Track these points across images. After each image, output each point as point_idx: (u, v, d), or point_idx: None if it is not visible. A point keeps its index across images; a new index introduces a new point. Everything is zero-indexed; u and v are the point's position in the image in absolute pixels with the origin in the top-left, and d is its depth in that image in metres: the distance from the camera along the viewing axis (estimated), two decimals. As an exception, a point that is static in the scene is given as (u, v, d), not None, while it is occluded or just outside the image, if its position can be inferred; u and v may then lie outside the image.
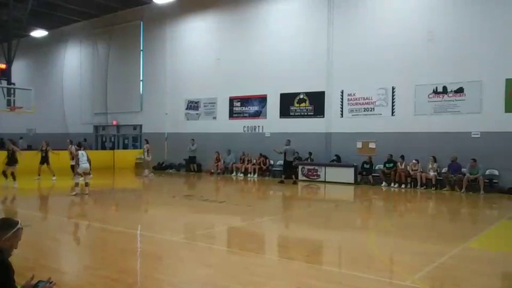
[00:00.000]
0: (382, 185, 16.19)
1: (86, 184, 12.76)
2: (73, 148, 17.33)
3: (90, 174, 13.10)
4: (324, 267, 6.00)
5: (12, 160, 14.69)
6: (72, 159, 16.51)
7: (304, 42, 18.81)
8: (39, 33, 28.69)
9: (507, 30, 14.54)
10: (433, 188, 15.20)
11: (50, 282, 3.39)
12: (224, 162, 20.53)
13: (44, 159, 16.94)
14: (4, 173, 14.73)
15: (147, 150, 19.29)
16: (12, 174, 14.61)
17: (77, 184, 12.72)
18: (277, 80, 19.42)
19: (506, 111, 14.55)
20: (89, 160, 12.90)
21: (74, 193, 12.46)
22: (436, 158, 15.34)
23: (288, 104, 19.39)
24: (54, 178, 16.55)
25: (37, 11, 24.02)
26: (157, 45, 24.25)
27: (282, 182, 16.87)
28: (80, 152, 12.97)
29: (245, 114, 20.78)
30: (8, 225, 3.37)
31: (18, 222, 3.43)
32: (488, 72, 14.82)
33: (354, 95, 17.61)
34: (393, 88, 16.77)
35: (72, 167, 16.63)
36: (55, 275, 4.60)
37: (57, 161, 17.42)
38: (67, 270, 5.85)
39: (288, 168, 17.18)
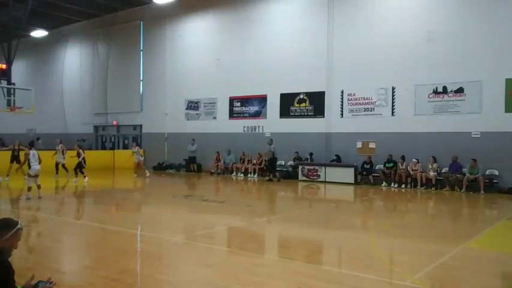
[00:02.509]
0: (382, 185, 16.18)
1: (38, 187, 11.77)
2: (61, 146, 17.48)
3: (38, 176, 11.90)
4: (324, 267, 6.00)
5: None
6: (79, 156, 16.54)
7: (304, 42, 18.80)
8: (39, 33, 28.67)
9: (507, 30, 14.54)
10: (433, 188, 15.20)
11: (50, 283, 3.39)
12: (224, 162, 20.53)
13: (15, 158, 17.02)
14: None
15: (62, 150, 17.96)
16: None
17: (29, 188, 11.64)
18: (277, 80, 19.40)
19: (506, 111, 14.55)
20: (40, 161, 11.91)
21: (27, 197, 11.55)
22: (436, 158, 15.33)
23: (288, 104, 19.38)
24: (26, 177, 16.54)
25: (37, 11, 24.00)
26: (157, 45, 24.24)
27: (278, 180, 17.52)
28: (32, 152, 11.95)
29: (245, 114, 20.78)
30: (8, 226, 3.36)
31: (18, 222, 3.42)
32: (488, 72, 14.81)
33: (354, 95, 17.61)
34: (393, 88, 16.76)
35: (79, 164, 16.65)
36: (55, 275, 4.60)
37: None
38: (67, 270, 5.85)
39: (273, 166, 17.98)
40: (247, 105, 20.72)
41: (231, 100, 21.19)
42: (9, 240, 3.30)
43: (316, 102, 18.58)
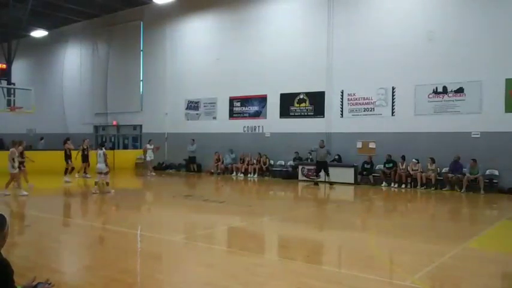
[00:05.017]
0: (382, 185, 16.18)
1: (107, 184, 13.15)
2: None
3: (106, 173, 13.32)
4: (324, 267, 6.00)
5: None
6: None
7: (304, 42, 18.80)
8: (39, 33, 28.67)
9: (507, 30, 14.54)
10: (433, 188, 15.19)
11: (49, 284, 3.37)
12: (225, 162, 20.52)
13: (86, 158, 17.76)
14: None
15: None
16: None
17: (95, 183, 13.22)
18: (277, 80, 19.41)
19: (506, 111, 14.54)
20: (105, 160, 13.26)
21: (94, 191, 12.93)
22: (435, 159, 15.30)
23: (288, 104, 19.38)
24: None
25: (37, 11, 24.00)
26: (157, 45, 24.24)
27: (316, 183, 16.46)
28: (98, 152, 13.29)
29: (245, 114, 20.77)
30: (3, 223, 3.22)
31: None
32: (488, 72, 14.80)
33: (354, 95, 17.61)
34: (393, 88, 16.76)
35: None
36: (55, 275, 4.61)
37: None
38: (67, 270, 5.85)
39: (320, 169, 16.42)
40: (247, 105, 20.72)
41: (231, 100, 21.19)
42: (6, 237, 3.20)
43: (316, 102, 18.58)
